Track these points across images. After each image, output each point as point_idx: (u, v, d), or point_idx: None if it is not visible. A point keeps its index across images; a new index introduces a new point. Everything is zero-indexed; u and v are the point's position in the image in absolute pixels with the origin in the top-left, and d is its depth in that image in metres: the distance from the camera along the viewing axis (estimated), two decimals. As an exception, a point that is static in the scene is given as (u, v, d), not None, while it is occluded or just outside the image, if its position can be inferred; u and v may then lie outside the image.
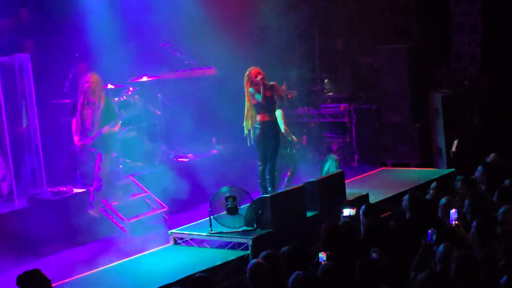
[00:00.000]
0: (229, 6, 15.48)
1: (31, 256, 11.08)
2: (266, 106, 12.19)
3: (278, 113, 12.40)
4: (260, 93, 12.07)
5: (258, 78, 12.10)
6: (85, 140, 12.09)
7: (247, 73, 12.22)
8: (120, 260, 10.53)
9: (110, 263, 10.42)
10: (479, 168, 10.23)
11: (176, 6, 14.52)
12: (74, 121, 12.25)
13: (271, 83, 12.28)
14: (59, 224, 11.67)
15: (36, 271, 7.38)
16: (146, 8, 14.35)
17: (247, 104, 12.28)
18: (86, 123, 12.15)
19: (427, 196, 10.01)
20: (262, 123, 12.20)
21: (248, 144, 12.43)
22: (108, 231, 12.21)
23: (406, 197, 9.10)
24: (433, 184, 10.20)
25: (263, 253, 7.74)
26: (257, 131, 12.24)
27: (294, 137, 12.82)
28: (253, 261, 7.48)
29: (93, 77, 12.16)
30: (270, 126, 12.26)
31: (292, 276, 6.85)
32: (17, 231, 11.18)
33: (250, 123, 12.29)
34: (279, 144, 12.44)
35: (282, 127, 12.39)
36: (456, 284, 6.67)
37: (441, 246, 7.25)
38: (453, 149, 13.02)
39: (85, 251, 11.37)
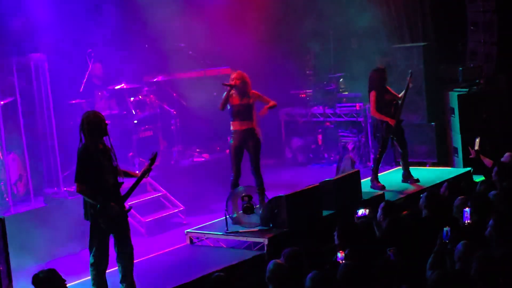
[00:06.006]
0: (245, 6, 15.48)
1: (47, 255, 11.12)
2: (236, 114, 11.09)
3: None
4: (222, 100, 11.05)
5: (231, 82, 11.06)
6: None
7: None
8: (136, 260, 10.53)
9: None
10: (495, 168, 10.18)
11: (191, 6, 14.53)
12: None
13: (253, 91, 11.15)
14: (76, 223, 11.67)
15: (52, 271, 7.38)
16: (161, 7, 14.35)
17: None
18: None
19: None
20: (234, 132, 11.15)
21: None
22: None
23: (423, 195, 9.07)
24: (445, 185, 10.12)
25: (285, 251, 7.56)
26: (231, 141, 11.21)
27: None
28: (273, 261, 7.31)
29: None
30: (241, 136, 11.11)
31: (310, 276, 6.79)
32: (34, 231, 11.21)
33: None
34: (257, 152, 11.22)
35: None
36: (476, 284, 6.60)
37: (460, 245, 7.18)
38: (476, 147, 12.90)
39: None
